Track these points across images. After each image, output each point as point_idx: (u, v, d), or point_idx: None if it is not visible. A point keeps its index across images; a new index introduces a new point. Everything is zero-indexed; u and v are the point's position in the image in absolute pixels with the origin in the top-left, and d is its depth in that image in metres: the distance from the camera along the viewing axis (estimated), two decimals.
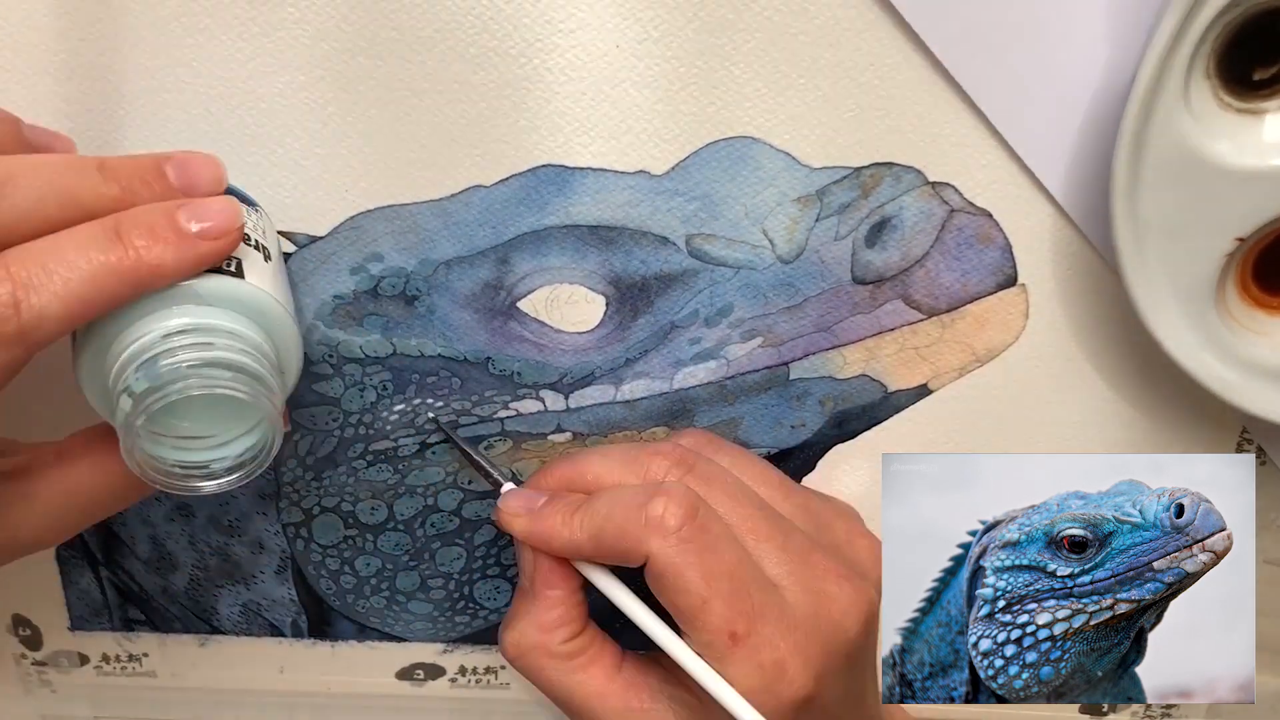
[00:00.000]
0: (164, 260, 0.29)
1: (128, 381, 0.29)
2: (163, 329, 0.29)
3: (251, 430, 0.31)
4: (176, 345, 0.29)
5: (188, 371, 0.29)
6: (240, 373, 0.30)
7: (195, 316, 0.30)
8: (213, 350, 0.29)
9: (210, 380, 0.29)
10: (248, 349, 0.30)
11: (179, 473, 0.31)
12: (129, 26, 0.34)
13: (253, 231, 0.32)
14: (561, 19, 0.34)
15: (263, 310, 0.31)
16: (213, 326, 0.30)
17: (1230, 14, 0.32)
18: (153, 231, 0.29)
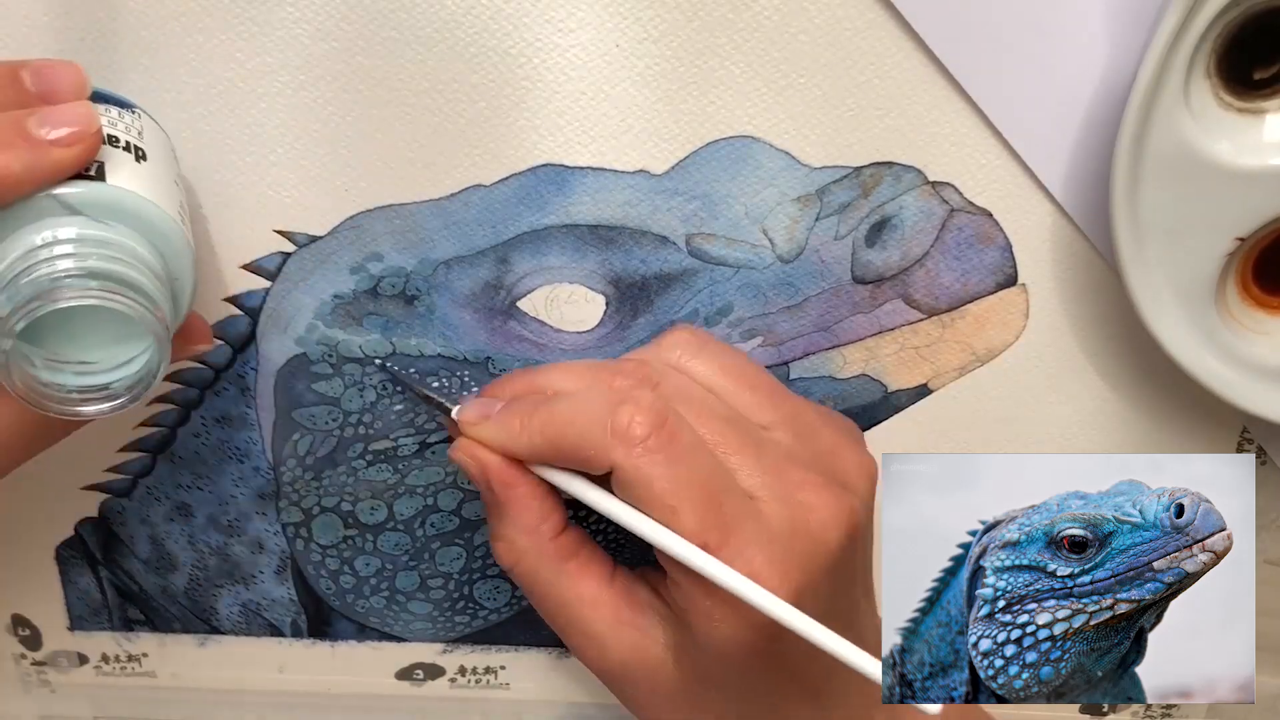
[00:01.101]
0: (13, 168, 0.27)
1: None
2: (24, 245, 0.28)
3: (145, 349, 0.30)
4: (38, 260, 0.28)
5: (50, 285, 0.27)
6: (111, 280, 0.28)
7: (58, 228, 0.28)
8: (78, 260, 0.28)
9: (75, 291, 0.28)
10: (120, 256, 0.28)
11: (71, 397, 0.29)
12: (128, 26, 0.34)
13: (123, 133, 0.30)
14: (561, 19, 0.34)
15: (135, 213, 0.29)
16: (79, 236, 0.28)
17: (1230, 14, 0.32)
18: (2, 141, 0.27)
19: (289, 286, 0.38)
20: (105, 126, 0.30)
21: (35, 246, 0.28)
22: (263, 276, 0.38)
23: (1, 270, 0.28)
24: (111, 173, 0.29)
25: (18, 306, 0.27)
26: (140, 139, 0.31)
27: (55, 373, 0.29)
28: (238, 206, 0.36)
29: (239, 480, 0.41)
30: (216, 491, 0.41)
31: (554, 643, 0.45)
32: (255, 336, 0.38)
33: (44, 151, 0.28)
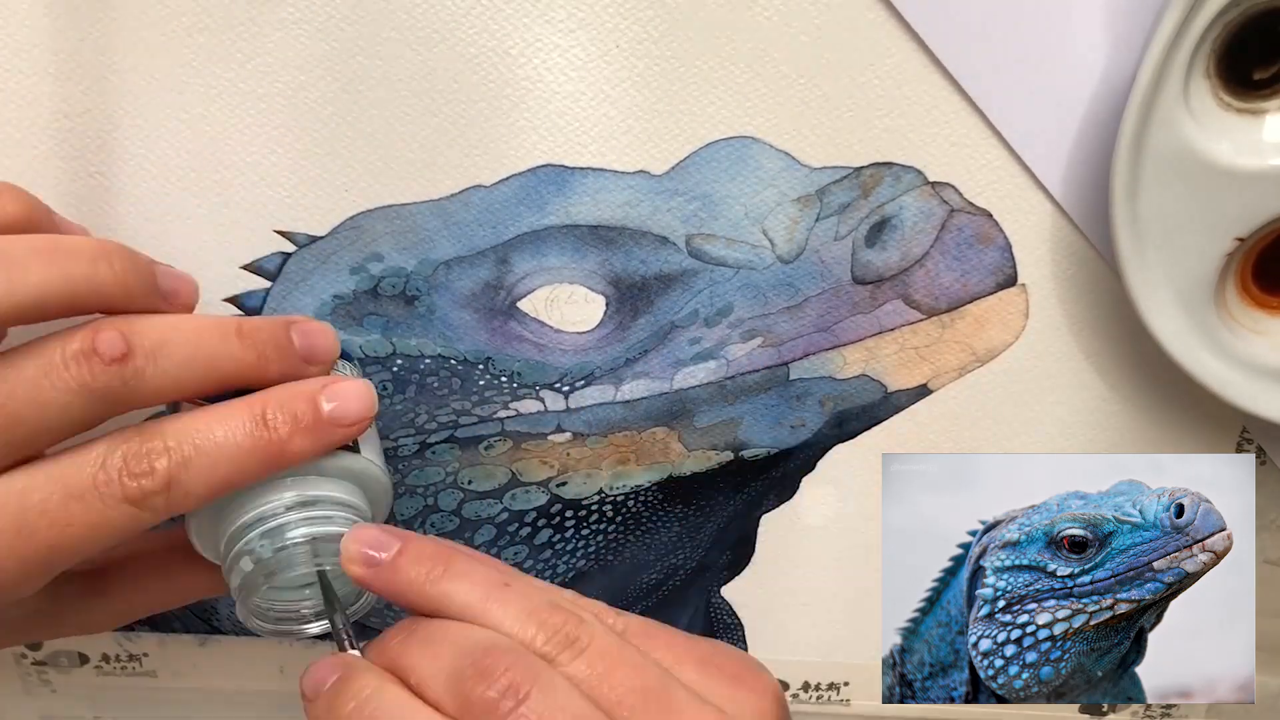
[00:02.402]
0: (304, 449, 0.31)
1: (251, 545, 0.31)
2: (288, 500, 0.31)
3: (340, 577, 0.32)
4: (298, 518, 0.31)
5: (306, 548, 0.31)
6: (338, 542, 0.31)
7: (314, 489, 0.32)
8: (330, 525, 0.31)
9: (324, 556, 0.31)
10: (356, 518, 0.32)
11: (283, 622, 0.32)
12: (128, 26, 0.34)
13: None
14: (561, 19, 0.34)
15: (371, 480, 0.33)
16: (329, 498, 0.32)
17: (1230, 14, 0.32)
18: (296, 418, 0.31)
19: (289, 287, 0.38)
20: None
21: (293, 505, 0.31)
22: (263, 277, 0.38)
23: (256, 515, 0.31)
24: (363, 444, 0.33)
25: (276, 561, 0.31)
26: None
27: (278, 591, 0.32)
28: (238, 206, 0.36)
29: None
30: None
31: None
32: None
33: (329, 431, 0.31)
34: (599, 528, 0.42)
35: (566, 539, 0.42)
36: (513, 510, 0.42)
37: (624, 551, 0.43)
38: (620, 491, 0.41)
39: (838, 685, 0.46)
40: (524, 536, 0.42)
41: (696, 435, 0.41)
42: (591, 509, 0.42)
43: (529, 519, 0.42)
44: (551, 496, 0.41)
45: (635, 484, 0.41)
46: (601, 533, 0.42)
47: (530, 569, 0.43)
